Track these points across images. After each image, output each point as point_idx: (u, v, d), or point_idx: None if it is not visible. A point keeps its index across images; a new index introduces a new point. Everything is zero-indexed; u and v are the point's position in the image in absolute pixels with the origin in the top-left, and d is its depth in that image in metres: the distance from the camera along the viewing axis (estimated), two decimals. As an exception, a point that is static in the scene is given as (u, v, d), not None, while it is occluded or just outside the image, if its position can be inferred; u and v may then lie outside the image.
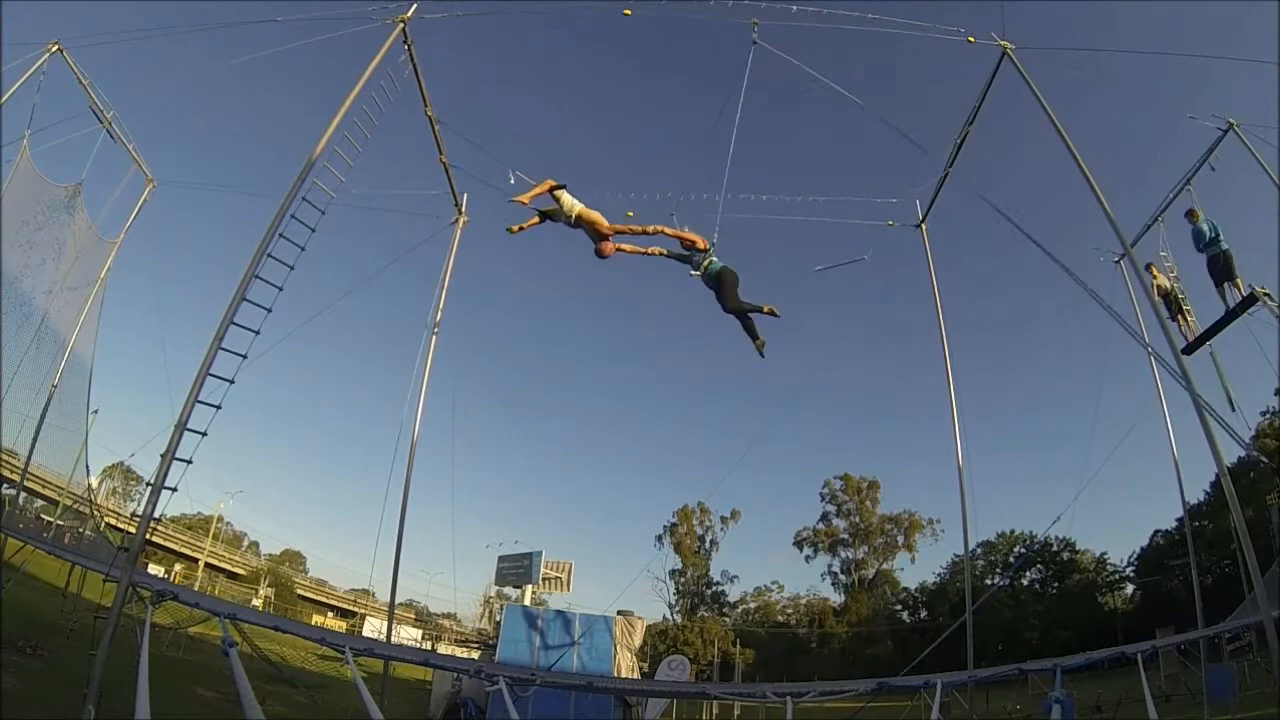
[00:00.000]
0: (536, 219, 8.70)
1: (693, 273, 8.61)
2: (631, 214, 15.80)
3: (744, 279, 8.52)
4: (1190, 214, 10.84)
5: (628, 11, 11.36)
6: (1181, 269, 11.33)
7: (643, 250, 8.85)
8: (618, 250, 8.61)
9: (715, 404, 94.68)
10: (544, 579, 34.32)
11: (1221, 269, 10.16)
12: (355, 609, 57.30)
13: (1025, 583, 47.20)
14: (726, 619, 55.31)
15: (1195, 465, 23.79)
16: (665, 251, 8.87)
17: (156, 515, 7.64)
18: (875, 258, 15.14)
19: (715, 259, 8.62)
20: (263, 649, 11.12)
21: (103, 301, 16.46)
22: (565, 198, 8.54)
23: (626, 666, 21.33)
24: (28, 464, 16.14)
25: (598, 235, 8.55)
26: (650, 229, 8.84)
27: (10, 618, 11.83)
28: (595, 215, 8.54)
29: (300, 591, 58.36)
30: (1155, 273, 11.22)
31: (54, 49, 12.86)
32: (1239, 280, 9.95)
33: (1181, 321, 10.95)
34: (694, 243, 8.76)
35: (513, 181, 9.34)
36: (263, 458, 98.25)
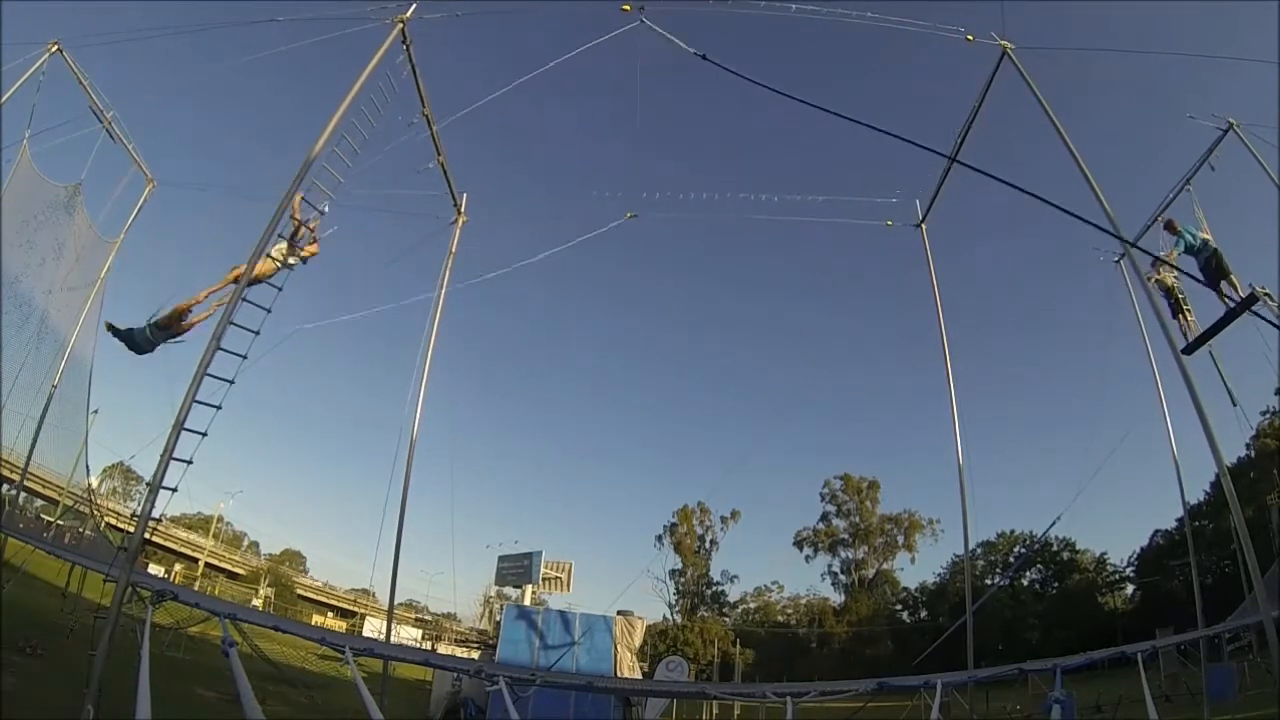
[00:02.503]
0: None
1: None
2: (632, 215, 15.99)
3: (742, 277, 8.54)
4: (1169, 226, 10.80)
5: (627, 7, 11.33)
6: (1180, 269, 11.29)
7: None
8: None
9: (715, 403, 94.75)
10: (544, 579, 34.34)
11: (1215, 270, 10.14)
12: (355, 609, 57.36)
13: (1025, 583, 47.23)
14: (726, 619, 55.34)
15: (1195, 465, 23.75)
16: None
17: (156, 515, 7.64)
18: (875, 257, 15.22)
19: None
20: (263, 649, 11.12)
21: (103, 302, 16.45)
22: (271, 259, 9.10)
23: (627, 666, 21.33)
24: (28, 464, 16.14)
25: None
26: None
27: (10, 618, 11.83)
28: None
29: (300, 591, 58.40)
30: (1159, 270, 11.18)
31: (54, 49, 12.86)
32: (1234, 277, 9.92)
33: (1182, 321, 10.91)
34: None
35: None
36: (263, 458, 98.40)
